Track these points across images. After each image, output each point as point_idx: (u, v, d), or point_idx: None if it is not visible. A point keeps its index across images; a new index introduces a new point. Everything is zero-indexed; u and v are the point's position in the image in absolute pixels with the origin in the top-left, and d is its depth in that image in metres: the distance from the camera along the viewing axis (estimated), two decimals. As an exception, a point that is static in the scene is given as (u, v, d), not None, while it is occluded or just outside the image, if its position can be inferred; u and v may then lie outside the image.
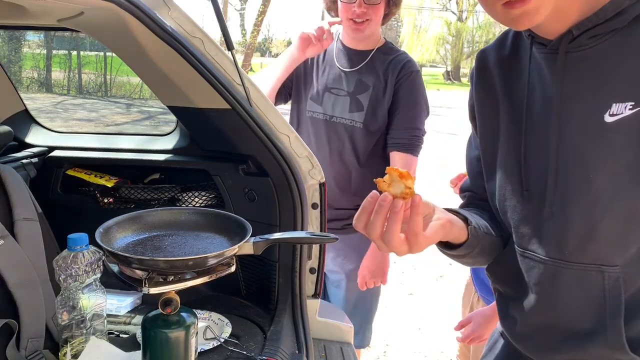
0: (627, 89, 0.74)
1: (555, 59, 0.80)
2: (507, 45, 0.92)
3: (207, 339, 1.23)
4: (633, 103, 0.73)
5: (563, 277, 0.83)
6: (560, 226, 0.81)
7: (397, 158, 1.85)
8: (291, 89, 1.99)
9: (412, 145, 1.86)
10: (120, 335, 1.29)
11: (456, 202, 1.10)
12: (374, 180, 0.76)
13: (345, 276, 1.97)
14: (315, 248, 1.51)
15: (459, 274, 3.60)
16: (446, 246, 0.91)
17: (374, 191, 0.76)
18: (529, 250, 0.87)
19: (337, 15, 1.89)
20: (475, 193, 1.03)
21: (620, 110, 0.74)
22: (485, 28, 30.11)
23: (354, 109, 1.86)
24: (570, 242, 0.81)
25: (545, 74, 0.83)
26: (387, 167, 0.76)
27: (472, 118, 0.99)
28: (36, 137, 1.84)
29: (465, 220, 0.90)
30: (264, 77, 1.91)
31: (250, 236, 1.00)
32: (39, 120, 1.93)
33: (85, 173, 1.69)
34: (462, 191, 1.08)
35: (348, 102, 1.87)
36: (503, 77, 0.91)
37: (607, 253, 0.78)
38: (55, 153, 1.74)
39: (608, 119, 0.75)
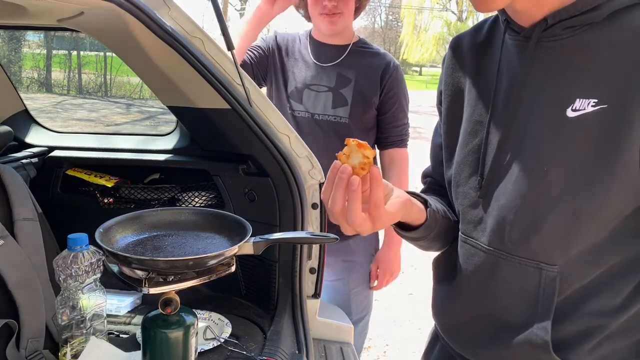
0: (593, 85, 0.73)
1: (527, 47, 0.79)
2: (483, 31, 0.91)
3: (207, 339, 1.23)
4: (596, 100, 0.72)
5: (500, 269, 0.82)
6: (505, 216, 0.80)
7: (395, 154, 1.89)
8: (265, 74, 1.91)
9: (405, 139, 1.92)
10: (120, 335, 1.29)
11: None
12: (336, 154, 0.76)
13: (338, 279, 1.94)
14: (315, 248, 1.51)
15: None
16: (404, 228, 0.91)
17: (336, 161, 0.75)
18: (472, 238, 0.87)
19: (306, 13, 1.85)
20: (436, 180, 1.04)
21: (583, 106, 0.73)
22: (485, 28, 29.95)
23: (338, 104, 1.81)
24: (512, 234, 0.80)
25: (515, 62, 0.82)
26: (345, 138, 0.75)
27: (439, 102, 0.98)
28: (36, 137, 1.84)
29: (425, 202, 0.90)
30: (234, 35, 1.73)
31: (250, 236, 1.00)
32: (39, 120, 1.93)
33: (85, 173, 1.69)
34: (424, 177, 1.08)
35: (331, 97, 1.81)
36: (474, 62, 0.90)
37: (548, 250, 0.77)
38: (55, 153, 1.73)
39: (570, 113, 0.74)
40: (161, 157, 1.67)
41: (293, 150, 1.42)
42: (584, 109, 0.72)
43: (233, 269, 1.00)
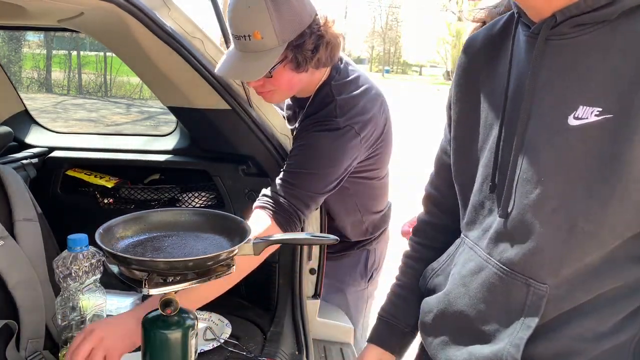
0: (599, 92, 0.66)
1: (535, 44, 0.73)
2: (499, 25, 0.86)
3: (207, 340, 1.23)
4: (600, 109, 0.65)
5: (490, 277, 0.78)
6: (501, 226, 0.76)
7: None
8: None
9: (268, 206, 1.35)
10: (120, 335, 1.28)
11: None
12: None
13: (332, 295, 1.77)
14: (315, 249, 1.51)
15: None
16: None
17: None
18: (471, 240, 0.85)
19: None
20: (437, 193, 1.02)
21: (586, 115, 0.66)
22: (485, 28, 30.03)
23: None
24: (505, 245, 0.76)
25: (523, 60, 0.77)
26: None
27: (449, 106, 0.93)
28: (36, 138, 1.84)
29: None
30: None
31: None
32: (39, 120, 1.93)
33: (85, 173, 1.69)
34: (427, 196, 1.05)
35: None
36: (489, 57, 0.85)
37: (538, 267, 0.72)
38: (55, 153, 1.74)
39: (572, 121, 0.68)
40: (161, 157, 1.67)
41: (293, 151, 1.42)
42: (587, 118, 0.66)
43: (233, 269, 1.00)
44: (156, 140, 1.81)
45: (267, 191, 1.30)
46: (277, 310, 1.44)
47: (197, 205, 1.59)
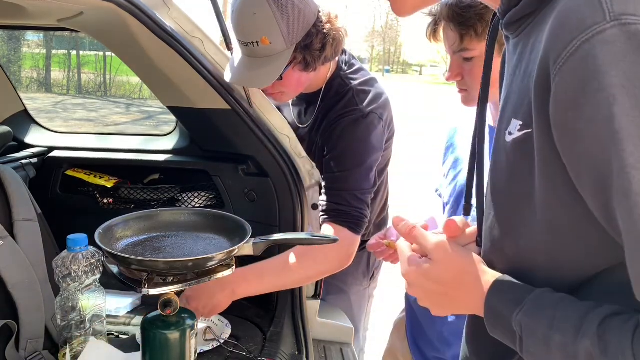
0: (518, 102, 0.59)
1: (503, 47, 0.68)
2: None
3: (206, 340, 1.23)
4: (521, 123, 0.57)
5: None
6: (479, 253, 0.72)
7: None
8: None
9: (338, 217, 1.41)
10: (120, 336, 1.28)
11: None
12: None
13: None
14: (315, 249, 1.50)
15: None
16: None
17: None
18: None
19: None
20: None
21: (514, 129, 0.59)
22: (485, 28, 30.06)
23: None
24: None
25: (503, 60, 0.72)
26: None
27: None
28: (36, 138, 1.84)
29: None
30: None
31: (250, 237, 1.00)
32: (38, 120, 1.93)
33: (84, 173, 1.69)
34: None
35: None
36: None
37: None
38: (55, 153, 1.73)
39: (507, 137, 0.60)
40: (161, 157, 1.67)
41: (293, 151, 1.42)
42: (514, 133, 0.59)
43: (233, 269, 1.00)
44: (156, 140, 1.81)
45: (327, 204, 1.34)
46: (277, 311, 1.44)
47: (197, 205, 1.59)
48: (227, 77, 1.29)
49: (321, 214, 1.37)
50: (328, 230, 1.31)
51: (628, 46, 0.46)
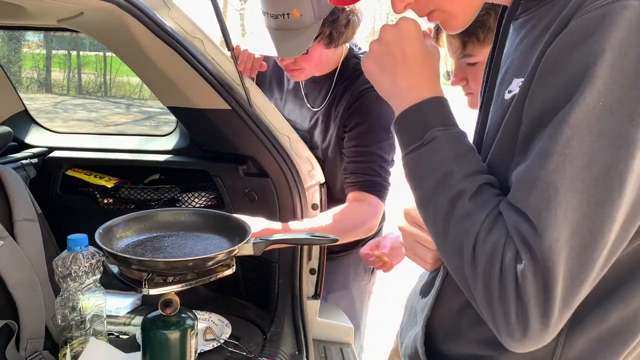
0: (522, 63, 0.66)
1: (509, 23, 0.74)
2: None
3: (207, 340, 1.22)
4: (523, 80, 0.63)
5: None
6: None
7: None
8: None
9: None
10: (120, 336, 1.28)
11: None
12: None
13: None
14: (316, 249, 1.51)
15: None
16: None
17: None
18: None
19: None
20: None
21: (515, 87, 0.65)
22: (485, 28, 30.02)
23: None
24: None
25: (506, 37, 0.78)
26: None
27: None
28: (36, 138, 1.84)
29: None
30: None
31: (250, 237, 1.00)
32: (38, 120, 1.93)
33: (84, 173, 1.69)
34: None
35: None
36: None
37: None
38: (55, 153, 1.73)
39: (506, 95, 0.67)
40: (161, 157, 1.67)
41: (293, 151, 1.42)
42: (514, 90, 0.65)
43: (233, 269, 1.00)
44: (156, 140, 1.81)
45: (355, 175, 1.42)
46: (277, 311, 1.44)
47: (197, 205, 1.59)
48: (255, 48, 1.33)
49: (347, 184, 1.45)
50: (357, 197, 1.42)
51: None
